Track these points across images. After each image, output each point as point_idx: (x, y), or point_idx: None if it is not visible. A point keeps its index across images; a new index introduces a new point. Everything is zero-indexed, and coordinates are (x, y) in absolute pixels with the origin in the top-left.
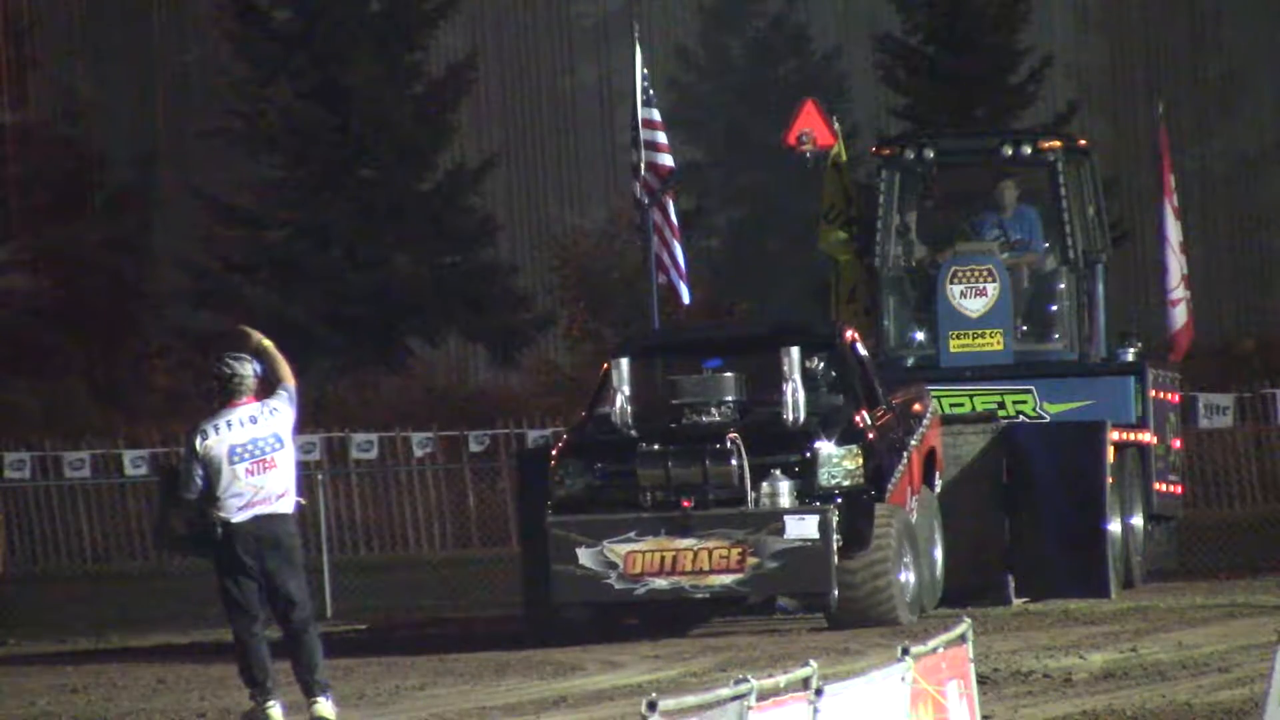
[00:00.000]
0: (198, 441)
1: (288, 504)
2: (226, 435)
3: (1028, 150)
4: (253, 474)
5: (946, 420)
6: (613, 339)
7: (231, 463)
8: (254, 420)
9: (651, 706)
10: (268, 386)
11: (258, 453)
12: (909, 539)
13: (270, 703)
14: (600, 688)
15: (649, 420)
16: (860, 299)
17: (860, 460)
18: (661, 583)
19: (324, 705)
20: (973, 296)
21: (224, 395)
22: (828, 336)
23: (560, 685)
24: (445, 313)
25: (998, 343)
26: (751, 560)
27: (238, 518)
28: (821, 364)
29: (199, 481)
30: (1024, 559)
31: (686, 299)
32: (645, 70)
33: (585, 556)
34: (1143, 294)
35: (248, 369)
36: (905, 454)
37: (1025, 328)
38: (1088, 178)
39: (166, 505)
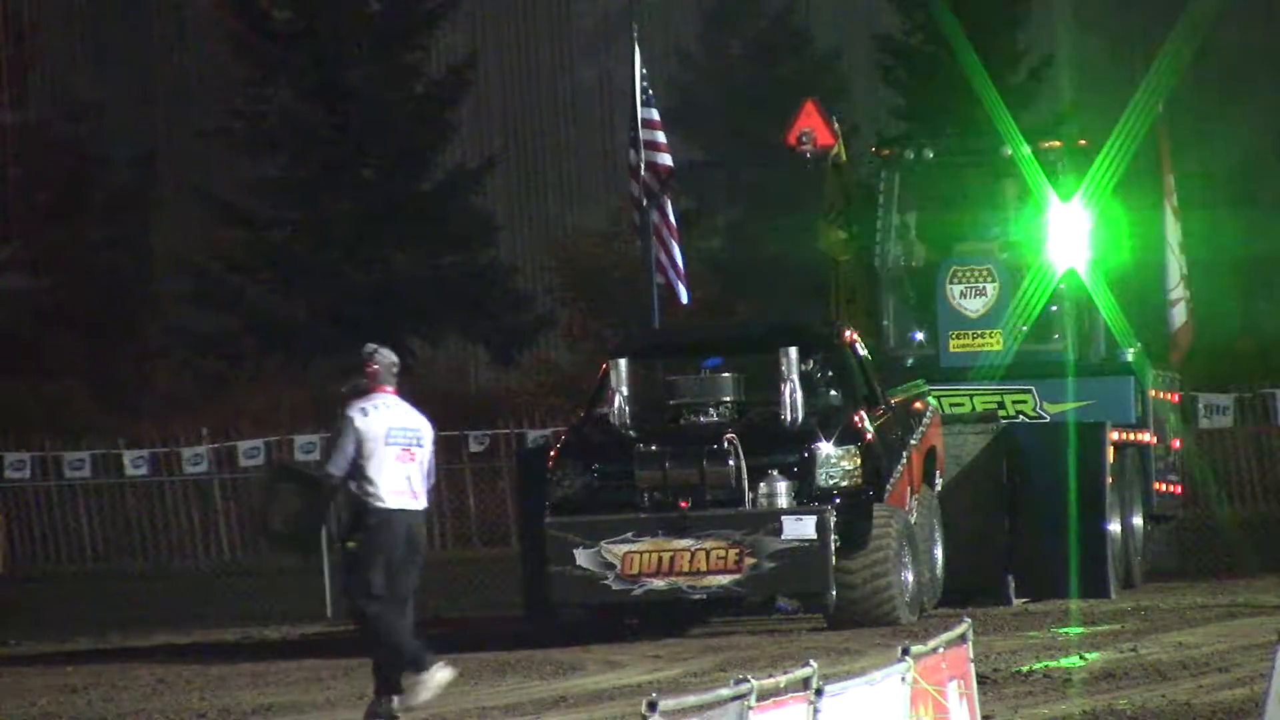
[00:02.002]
0: (357, 416)
1: (424, 503)
2: (385, 414)
3: (1027, 150)
4: (402, 461)
5: (946, 420)
6: (613, 339)
7: (387, 443)
8: (404, 410)
9: (651, 706)
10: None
11: (405, 440)
12: (909, 539)
13: (438, 662)
14: (600, 688)
15: (647, 420)
16: (860, 299)
17: (859, 460)
18: (659, 583)
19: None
20: (973, 296)
21: (374, 380)
22: (827, 336)
23: (560, 685)
24: (445, 313)
25: (997, 343)
26: (749, 561)
27: (392, 504)
28: (820, 364)
29: (349, 452)
30: (1024, 559)
31: (685, 299)
32: (645, 70)
33: (583, 557)
34: (1142, 294)
35: (394, 357)
36: (905, 454)
37: (1025, 328)
38: None
39: (270, 501)
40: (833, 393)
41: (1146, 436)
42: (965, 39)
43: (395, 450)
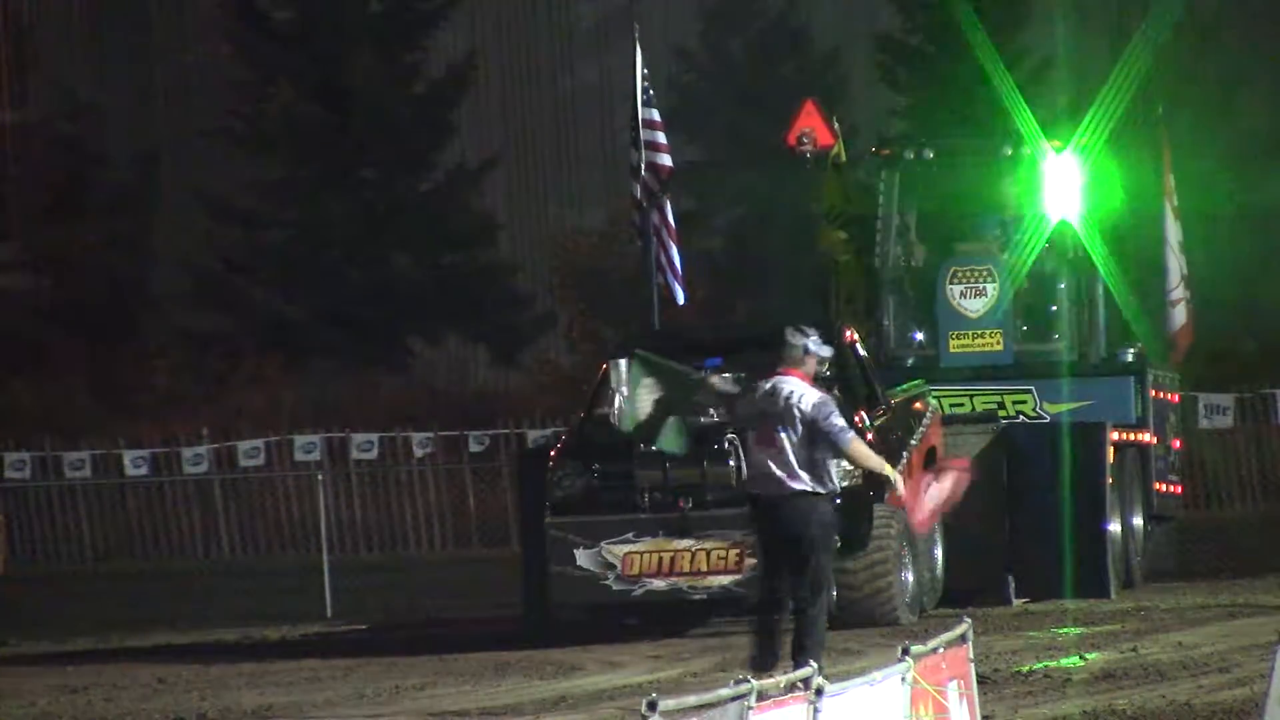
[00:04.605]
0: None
1: (794, 486)
2: (754, 397)
3: (1027, 150)
4: (760, 445)
5: (946, 420)
6: (613, 339)
7: (751, 426)
8: (774, 391)
9: (651, 706)
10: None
11: (771, 423)
12: (909, 539)
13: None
14: (600, 688)
15: None
16: (860, 299)
17: None
18: (659, 584)
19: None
20: (972, 296)
21: (782, 363)
22: (827, 337)
23: (560, 685)
24: (445, 313)
25: (997, 343)
26: (750, 561)
27: (753, 489)
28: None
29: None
30: (1024, 559)
31: (681, 300)
32: (645, 70)
33: (583, 558)
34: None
35: (800, 341)
36: (905, 454)
37: (1025, 328)
38: None
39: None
40: (833, 393)
41: (1146, 436)
42: (984, 35)
43: (753, 435)
